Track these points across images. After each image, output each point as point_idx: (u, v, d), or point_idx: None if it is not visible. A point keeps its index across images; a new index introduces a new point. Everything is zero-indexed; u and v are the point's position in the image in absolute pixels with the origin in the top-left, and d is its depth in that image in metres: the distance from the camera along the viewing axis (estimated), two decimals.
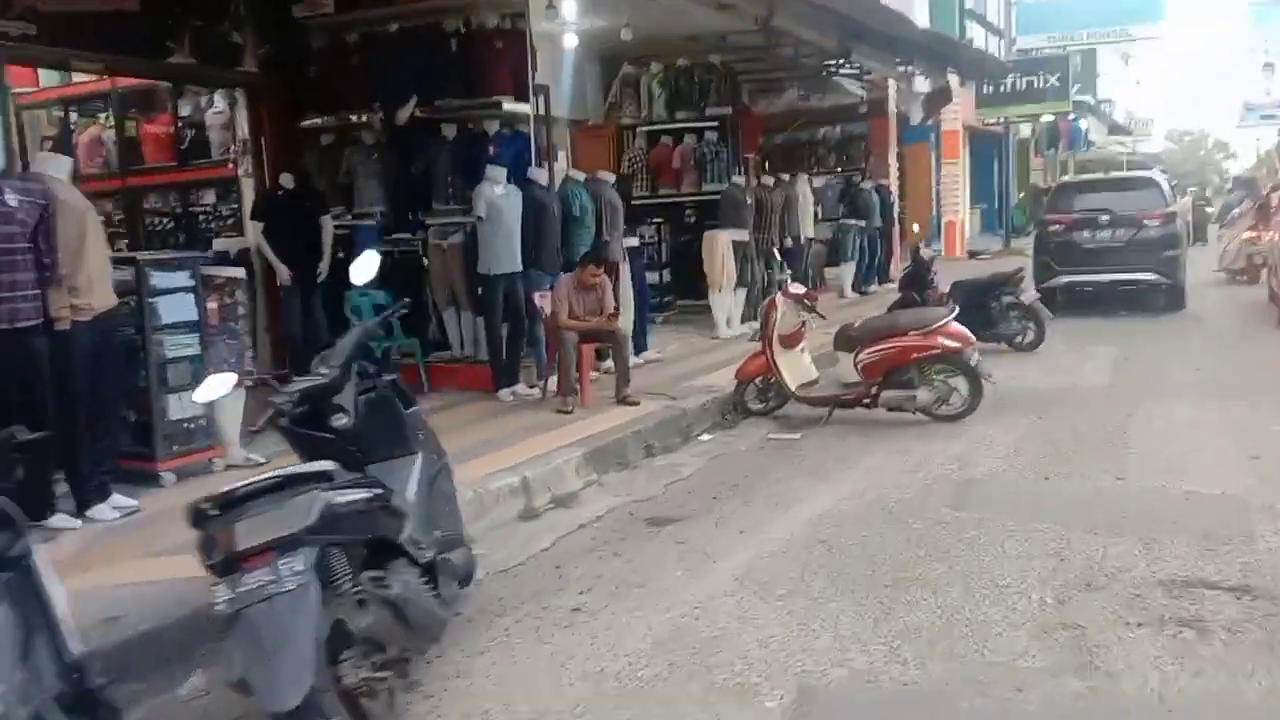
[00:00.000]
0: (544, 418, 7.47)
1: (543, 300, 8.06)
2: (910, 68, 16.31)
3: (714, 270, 11.45)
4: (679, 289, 12.35)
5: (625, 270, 9.47)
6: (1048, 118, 35.50)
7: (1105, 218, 12.88)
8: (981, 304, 10.74)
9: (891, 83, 18.28)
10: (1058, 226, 13.25)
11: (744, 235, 11.65)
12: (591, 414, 7.50)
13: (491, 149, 8.56)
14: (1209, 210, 48.30)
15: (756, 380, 8.07)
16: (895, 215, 17.05)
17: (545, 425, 7.21)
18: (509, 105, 8.55)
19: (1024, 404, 8.03)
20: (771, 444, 7.36)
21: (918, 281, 11.53)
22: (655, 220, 12.52)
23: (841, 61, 14.47)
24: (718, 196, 11.88)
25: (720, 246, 11.42)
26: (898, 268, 18.37)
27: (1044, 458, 6.54)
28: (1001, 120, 24.18)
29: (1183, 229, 13.55)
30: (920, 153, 25.13)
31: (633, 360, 8.51)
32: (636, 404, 7.73)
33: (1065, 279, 13.24)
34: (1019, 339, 10.75)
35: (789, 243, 12.64)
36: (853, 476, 6.32)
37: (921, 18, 22.85)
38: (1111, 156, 52.18)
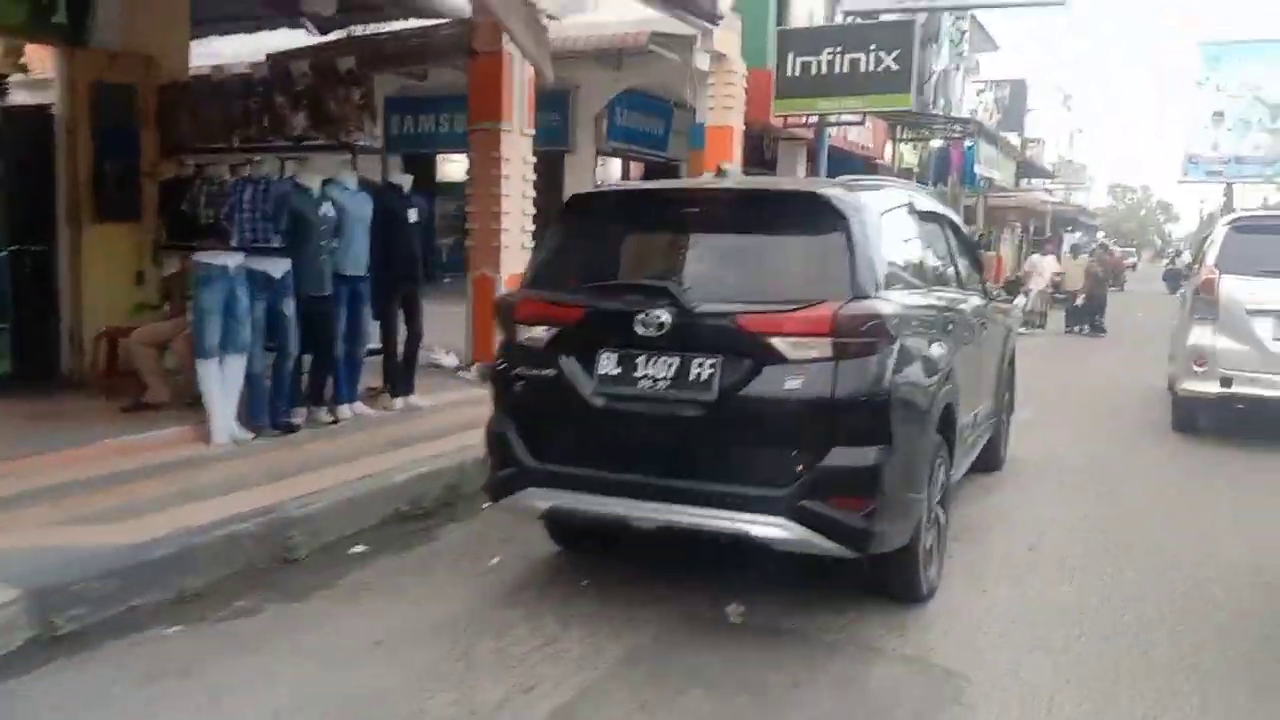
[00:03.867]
0: None
1: None
2: None
3: None
4: None
5: None
6: (937, 142, 26.91)
7: (660, 318, 3.80)
8: None
9: None
10: (537, 336, 4.11)
11: None
12: None
13: None
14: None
15: None
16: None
17: None
18: None
19: None
20: None
21: None
22: None
23: None
24: None
25: None
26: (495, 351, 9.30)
27: None
28: (808, 119, 15.15)
29: (925, 368, 4.16)
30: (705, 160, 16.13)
31: None
32: None
33: (544, 504, 4.12)
34: None
35: None
36: None
37: None
38: (1034, 203, 43.65)
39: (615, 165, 18.99)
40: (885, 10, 14.92)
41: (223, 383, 6.16)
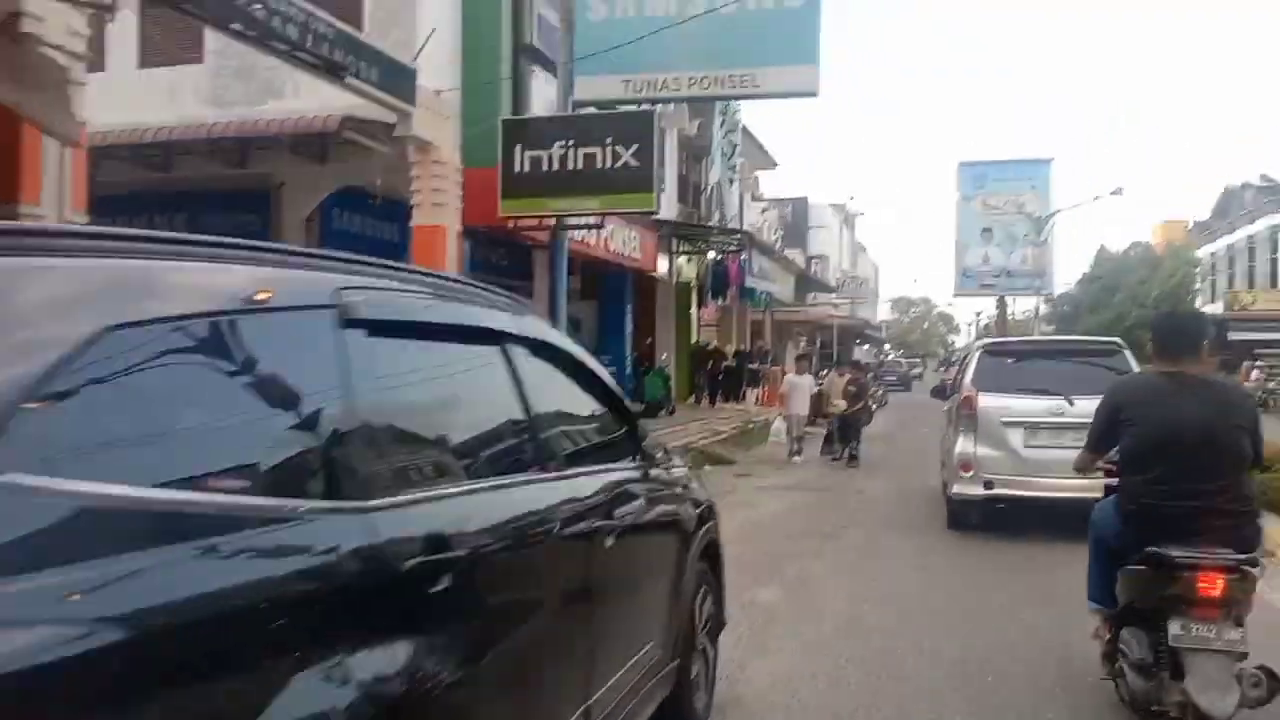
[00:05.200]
0: None
1: None
2: None
3: None
4: None
5: None
6: (712, 254, 25.39)
7: None
8: None
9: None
10: None
11: None
12: None
13: None
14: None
15: None
16: None
17: None
18: None
19: None
20: None
21: None
22: None
23: None
24: None
25: None
26: None
27: None
28: (543, 222, 12.80)
29: None
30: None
31: None
32: None
33: None
34: None
35: None
36: None
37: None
38: (820, 317, 43.41)
39: None
40: (620, 100, 12.91)
41: None
